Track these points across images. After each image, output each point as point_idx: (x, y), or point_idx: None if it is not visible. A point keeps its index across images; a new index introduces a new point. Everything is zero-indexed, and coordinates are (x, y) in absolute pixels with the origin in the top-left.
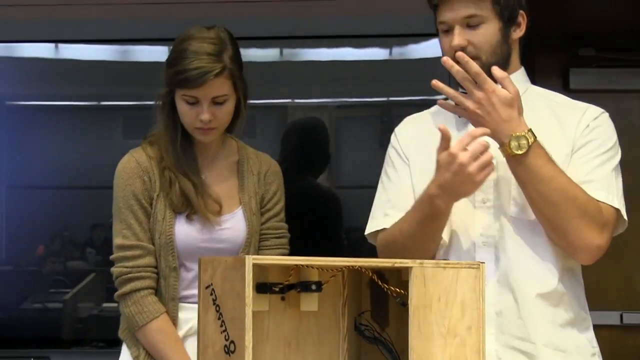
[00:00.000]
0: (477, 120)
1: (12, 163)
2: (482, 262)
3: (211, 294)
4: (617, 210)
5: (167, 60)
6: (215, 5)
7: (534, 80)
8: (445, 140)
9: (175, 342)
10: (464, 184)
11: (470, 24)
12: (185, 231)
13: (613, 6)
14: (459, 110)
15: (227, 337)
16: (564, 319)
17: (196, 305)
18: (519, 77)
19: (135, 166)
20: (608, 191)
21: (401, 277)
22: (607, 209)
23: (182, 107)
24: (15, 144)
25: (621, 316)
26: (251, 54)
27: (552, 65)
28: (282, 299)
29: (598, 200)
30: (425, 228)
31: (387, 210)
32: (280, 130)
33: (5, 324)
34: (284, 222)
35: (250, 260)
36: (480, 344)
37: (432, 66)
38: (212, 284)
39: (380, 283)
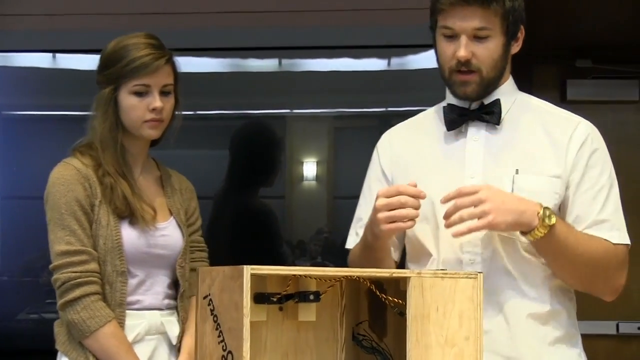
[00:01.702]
0: (497, 220)
1: (9, 173)
2: (480, 272)
3: (209, 304)
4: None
5: (105, 62)
6: (216, 15)
7: (532, 91)
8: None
9: (128, 347)
10: (375, 224)
11: (478, 35)
12: (130, 236)
13: (609, 19)
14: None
15: (224, 348)
16: (554, 336)
17: (141, 312)
18: (508, 88)
19: (75, 173)
20: (620, 229)
21: (399, 287)
22: (622, 247)
23: (131, 101)
24: (11, 154)
25: (617, 326)
26: (250, 64)
27: (549, 76)
28: (280, 309)
29: (615, 244)
30: (367, 256)
31: (357, 230)
32: (280, 140)
33: (1, 335)
34: (202, 236)
35: (248, 270)
36: (477, 354)
37: (430, 77)
38: (210, 294)
39: (378, 293)
